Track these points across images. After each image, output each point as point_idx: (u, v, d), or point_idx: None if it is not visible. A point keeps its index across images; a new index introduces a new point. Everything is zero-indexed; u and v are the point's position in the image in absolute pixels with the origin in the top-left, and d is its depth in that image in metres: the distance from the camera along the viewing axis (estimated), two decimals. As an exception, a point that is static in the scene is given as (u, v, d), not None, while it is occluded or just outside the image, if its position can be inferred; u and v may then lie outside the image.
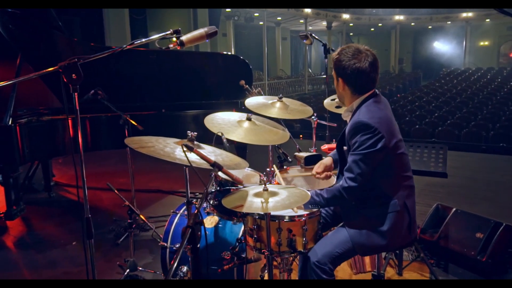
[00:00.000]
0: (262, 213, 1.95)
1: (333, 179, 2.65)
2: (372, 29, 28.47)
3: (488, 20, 25.09)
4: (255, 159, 4.04)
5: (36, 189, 5.29)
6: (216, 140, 2.47)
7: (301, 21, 23.14)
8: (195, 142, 2.07)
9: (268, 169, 3.16)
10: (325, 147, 3.07)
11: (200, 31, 1.91)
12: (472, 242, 3.06)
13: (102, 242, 3.73)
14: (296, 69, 30.09)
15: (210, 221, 2.67)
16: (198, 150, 1.66)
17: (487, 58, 27.27)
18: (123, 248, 3.60)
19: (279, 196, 1.84)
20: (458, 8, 23.59)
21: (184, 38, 1.86)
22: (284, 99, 3.07)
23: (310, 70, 26.07)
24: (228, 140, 2.53)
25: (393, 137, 1.98)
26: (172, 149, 1.93)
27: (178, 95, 4.74)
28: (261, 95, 3.74)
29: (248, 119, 2.71)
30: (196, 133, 2.07)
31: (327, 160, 2.41)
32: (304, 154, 2.88)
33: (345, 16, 23.96)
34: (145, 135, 3.93)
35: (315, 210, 2.10)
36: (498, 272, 2.95)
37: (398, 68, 28.56)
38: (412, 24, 26.95)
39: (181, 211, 2.80)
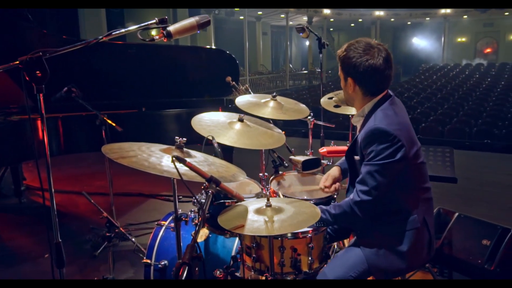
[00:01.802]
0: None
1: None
2: (352, 24, 28.48)
3: (465, 16, 25.41)
4: (244, 162, 3.76)
5: (5, 194, 4.89)
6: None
7: (282, 15, 22.89)
8: (184, 149, 1.81)
9: (261, 174, 2.91)
10: (323, 150, 2.83)
11: (191, 20, 1.63)
12: (478, 249, 2.86)
13: (78, 254, 3.42)
14: (277, 64, 29.86)
15: (199, 234, 2.40)
16: (190, 161, 1.38)
17: (464, 54, 27.65)
18: (102, 261, 3.28)
19: (285, 214, 1.58)
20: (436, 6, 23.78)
21: (171, 28, 1.58)
22: (278, 97, 2.82)
23: (291, 66, 25.89)
24: (219, 144, 2.28)
25: (413, 145, 1.75)
26: (158, 158, 1.65)
27: (160, 92, 4.43)
28: (249, 92, 3.48)
29: (240, 120, 2.45)
30: (185, 139, 1.81)
31: (334, 171, 2.16)
32: (301, 158, 2.63)
33: (326, 11, 23.84)
34: (124, 136, 3.63)
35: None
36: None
37: (378, 64, 28.65)
38: (392, 20, 27.08)
39: (167, 222, 2.52)
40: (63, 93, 3.27)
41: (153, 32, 1.68)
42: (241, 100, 2.84)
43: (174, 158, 1.34)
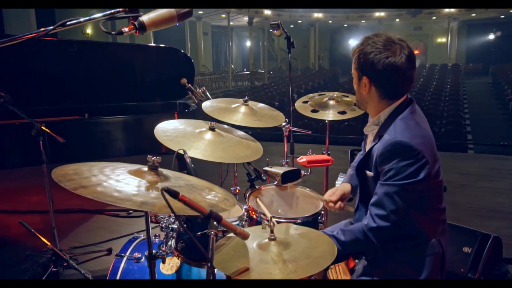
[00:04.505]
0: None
1: (320, 201, 2.18)
2: (292, 26, 28.84)
3: (397, 20, 26.67)
4: (203, 172, 3.41)
5: None
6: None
7: (223, 15, 22.59)
8: (160, 170, 1.46)
9: (232, 189, 2.60)
10: (302, 159, 2.57)
11: (169, 9, 1.28)
12: (460, 257, 2.77)
13: (13, 289, 2.88)
14: (218, 65, 29.51)
15: (169, 265, 2.05)
16: (185, 195, 1.04)
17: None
18: (43, 295, 2.79)
19: (295, 249, 1.28)
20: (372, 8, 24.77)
21: (145, 18, 1.23)
22: (250, 102, 2.53)
23: (232, 66, 25.66)
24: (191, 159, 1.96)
25: (436, 162, 1.52)
26: (129, 185, 1.29)
27: (106, 96, 3.95)
28: (206, 96, 3.16)
29: (211, 129, 2.15)
30: (160, 157, 1.46)
31: (346, 187, 1.88)
32: (279, 170, 2.35)
33: (267, 12, 23.89)
34: (66, 148, 3.12)
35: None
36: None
37: (317, 65, 29.34)
38: (330, 22, 27.78)
39: (128, 253, 2.13)
40: (-11, 98, 2.76)
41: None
42: (208, 105, 2.53)
43: (164, 192, 1.00)
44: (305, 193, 2.35)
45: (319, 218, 2.11)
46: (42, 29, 1.10)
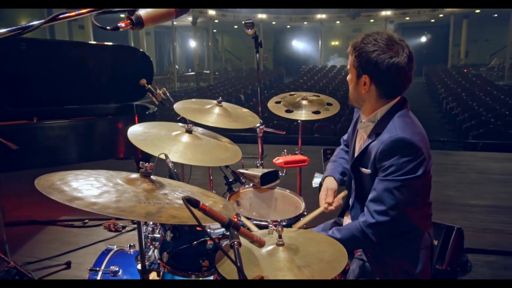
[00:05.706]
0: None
1: (300, 202, 2.17)
2: (236, 26, 28.87)
3: (338, 22, 27.59)
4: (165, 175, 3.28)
5: None
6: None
7: (166, 15, 22.09)
8: (152, 177, 1.36)
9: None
10: (279, 160, 2.54)
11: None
12: (427, 250, 2.88)
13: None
14: (161, 66, 28.86)
15: (150, 276, 1.93)
16: (206, 204, 0.96)
17: (339, 55, 30.16)
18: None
19: (304, 253, 1.24)
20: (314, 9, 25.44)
21: (143, 12, 1.13)
22: (224, 103, 2.46)
23: (177, 67, 25.19)
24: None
25: (430, 158, 1.55)
26: (124, 194, 1.17)
27: (57, 99, 3.68)
28: (168, 97, 3.06)
29: (188, 131, 2.07)
30: (152, 163, 1.36)
31: (332, 184, 1.89)
32: (257, 172, 2.32)
33: (211, 12, 23.72)
34: (15, 155, 2.88)
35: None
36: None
37: (262, 66, 29.64)
38: (274, 23, 28.12)
39: (103, 266, 1.99)
40: None
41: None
42: (180, 107, 2.43)
43: (185, 201, 0.92)
44: (284, 194, 2.32)
45: (302, 219, 2.09)
46: (31, 23, 0.97)
